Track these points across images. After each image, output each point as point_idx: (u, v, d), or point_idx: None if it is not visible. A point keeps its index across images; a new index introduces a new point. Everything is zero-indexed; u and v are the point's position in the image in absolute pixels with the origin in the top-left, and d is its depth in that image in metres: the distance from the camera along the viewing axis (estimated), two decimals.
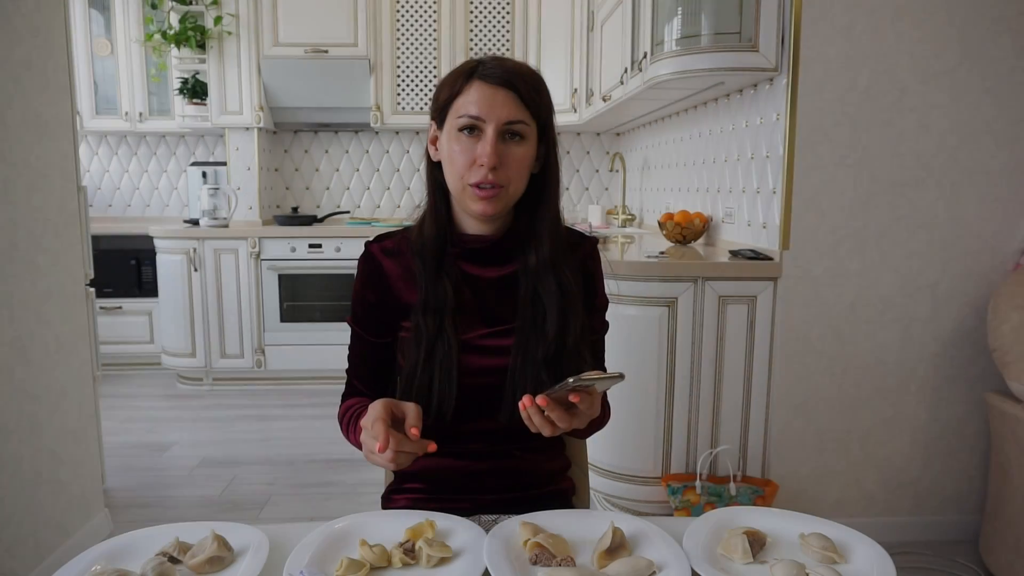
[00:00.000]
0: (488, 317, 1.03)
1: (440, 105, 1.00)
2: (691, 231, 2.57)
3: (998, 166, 2.04)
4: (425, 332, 0.99)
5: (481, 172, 0.95)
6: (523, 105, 0.96)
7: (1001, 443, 1.92)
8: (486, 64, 0.97)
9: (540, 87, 0.99)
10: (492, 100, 0.95)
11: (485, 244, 1.04)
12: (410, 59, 3.97)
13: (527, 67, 1.00)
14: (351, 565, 0.75)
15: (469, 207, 0.99)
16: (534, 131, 0.99)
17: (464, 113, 0.95)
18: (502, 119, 0.95)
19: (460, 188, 0.98)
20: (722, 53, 2.06)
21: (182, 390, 3.83)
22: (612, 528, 0.80)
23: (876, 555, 0.79)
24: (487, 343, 1.02)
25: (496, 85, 0.95)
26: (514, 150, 0.97)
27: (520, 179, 0.99)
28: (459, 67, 1.00)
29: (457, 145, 0.97)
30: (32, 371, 1.86)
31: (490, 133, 0.95)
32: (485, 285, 1.05)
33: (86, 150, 4.42)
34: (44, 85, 1.93)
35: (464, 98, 0.96)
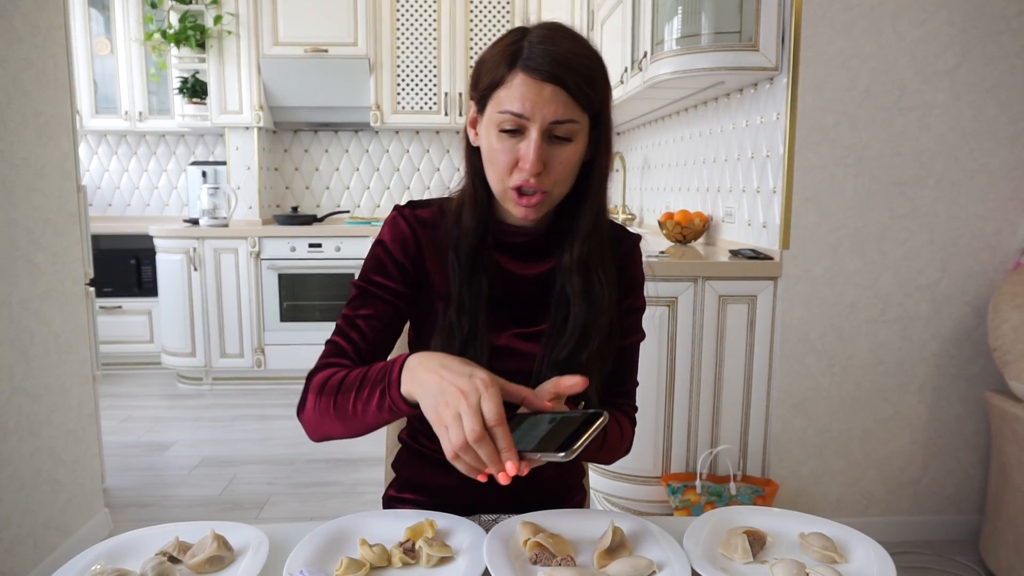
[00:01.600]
0: (518, 316, 0.97)
1: (480, 92, 0.89)
2: (691, 231, 2.57)
3: (998, 166, 2.04)
4: (458, 332, 0.91)
5: (523, 176, 0.86)
6: (572, 101, 0.84)
7: (1001, 442, 1.92)
8: (533, 48, 0.84)
9: (594, 76, 0.87)
10: (538, 97, 0.83)
11: (524, 239, 0.96)
12: (410, 59, 3.97)
13: (581, 48, 0.86)
14: (351, 565, 0.75)
15: (510, 210, 0.90)
16: (585, 125, 0.88)
17: (506, 109, 0.84)
18: (548, 119, 0.84)
19: (501, 190, 0.89)
20: (722, 52, 2.06)
21: (182, 390, 3.83)
22: (612, 528, 0.80)
23: (876, 555, 0.79)
24: (515, 345, 0.96)
25: (542, 80, 0.83)
26: (561, 151, 0.86)
27: (566, 181, 0.89)
28: (502, 42, 0.87)
29: (498, 143, 0.86)
30: (32, 371, 1.86)
31: (534, 135, 0.84)
32: (519, 282, 0.97)
33: (86, 149, 4.42)
34: (44, 84, 1.93)
35: (506, 91, 0.85)
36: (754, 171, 2.24)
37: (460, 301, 0.92)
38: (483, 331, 0.92)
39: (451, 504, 0.95)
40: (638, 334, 1.06)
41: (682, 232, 2.57)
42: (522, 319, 0.97)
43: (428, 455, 1.04)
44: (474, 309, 0.92)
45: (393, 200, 4.43)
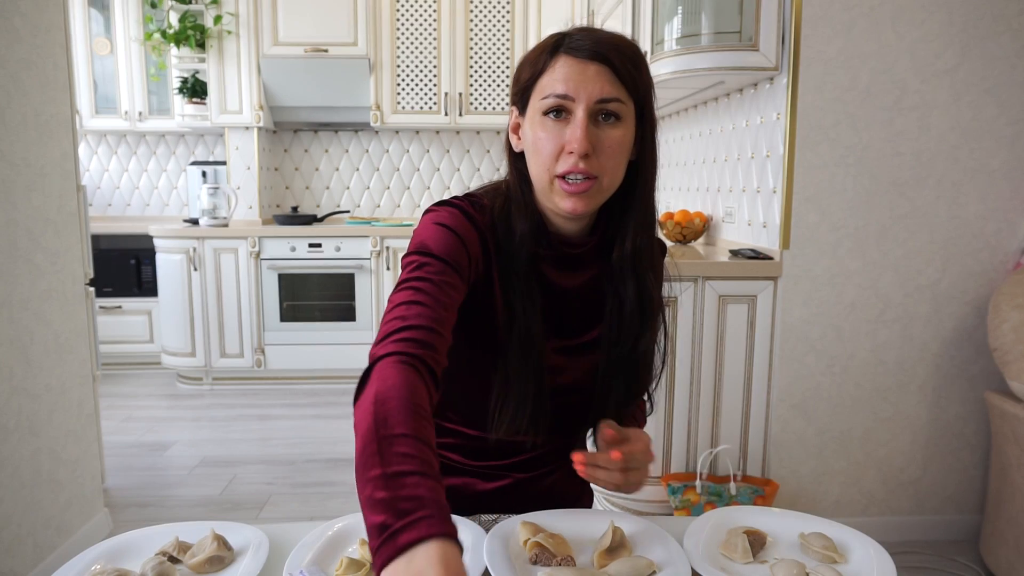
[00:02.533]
0: (559, 329, 0.93)
1: (522, 87, 0.87)
2: (691, 230, 2.57)
3: (998, 166, 2.04)
4: (532, 346, 0.87)
5: (571, 160, 0.82)
6: (618, 81, 0.82)
7: (1001, 442, 1.92)
8: (573, 36, 0.84)
9: (639, 61, 0.85)
10: (582, 76, 0.81)
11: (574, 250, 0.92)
12: (410, 59, 3.97)
13: (623, 38, 0.85)
14: (351, 565, 0.75)
15: (557, 204, 0.85)
16: (632, 111, 0.85)
17: (550, 92, 0.82)
18: (594, 96, 0.81)
19: (547, 181, 0.85)
20: (722, 52, 2.05)
21: (182, 390, 3.83)
22: (612, 528, 0.80)
23: (876, 555, 0.79)
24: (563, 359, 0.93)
25: (586, 59, 0.81)
26: (609, 133, 0.83)
27: (616, 169, 0.85)
28: (542, 42, 0.86)
29: (543, 131, 0.83)
30: (32, 371, 1.86)
31: (580, 114, 0.81)
32: (561, 293, 0.93)
33: (86, 149, 4.42)
34: (44, 84, 1.93)
35: (549, 76, 0.83)
36: (754, 171, 2.24)
37: (526, 314, 0.88)
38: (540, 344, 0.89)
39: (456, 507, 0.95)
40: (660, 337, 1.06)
41: (682, 232, 2.57)
42: (565, 330, 0.94)
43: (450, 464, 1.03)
44: (536, 320, 0.88)
45: (393, 200, 4.43)
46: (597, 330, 0.95)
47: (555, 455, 1.02)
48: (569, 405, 0.94)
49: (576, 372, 0.94)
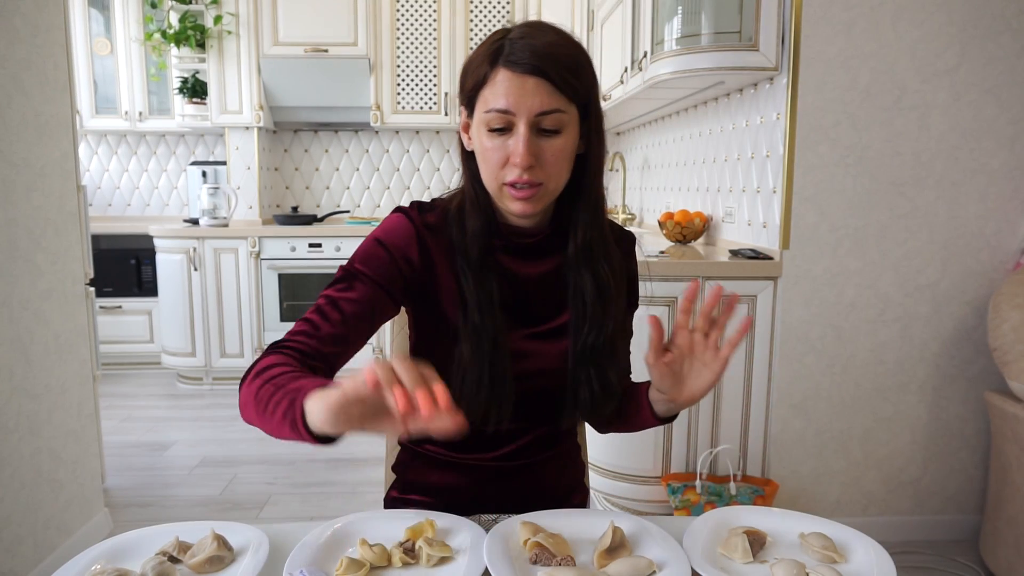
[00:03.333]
0: (527, 317, 0.96)
1: (467, 93, 0.89)
2: (691, 230, 2.57)
3: (998, 166, 2.04)
4: (485, 334, 0.90)
5: (515, 172, 0.85)
6: (557, 92, 0.84)
7: (1001, 442, 1.92)
8: (514, 43, 0.84)
9: (577, 66, 0.86)
10: (521, 90, 0.83)
11: (529, 239, 0.96)
12: (410, 59, 3.97)
13: (563, 41, 0.86)
14: (351, 565, 0.75)
15: (507, 207, 0.90)
16: (574, 116, 0.87)
17: (492, 107, 0.84)
18: (533, 110, 0.83)
19: (496, 188, 0.89)
20: (722, 52, 2.05)
21: (182, 390, 3.83)
22: (612, 528, 0.80)
23: (876, 554, 0.79)
24: (527, 345, 0.96)
25: (524, 74, 0.83)
26: (551, 143, 0.86)
27: (560, 173, 0.88)
28: (485, 44, 0.88)
29: (488, 141, 0.86)
30: (32, 370, 1.86)
31: (522, 128, 0.84)
32: (524, 282, 0.97)
33: (86, 149, 4.42)
34: (44, 84, 1.93)
35: (490, 89, 0.85)
36: (754, 171, 2.24)
37: (479, 303, 0.91)
38: (502, 332, 0.92)
39: (457, 504, 0.96)
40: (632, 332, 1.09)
41: (682, 232, 2.57)
42: (531, 319, 0.97)
43: (432, 457, 1.05)
44: (492, 309, 0.92)
45: (393, 200, 4.43)
46: (566, 316, 0.97)
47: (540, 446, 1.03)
48: (541, 390, 0.97)
49: (546, 358, 0.96)
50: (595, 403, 0.95)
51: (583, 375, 0.94)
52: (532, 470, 1.03)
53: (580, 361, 0.94)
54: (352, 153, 4.40)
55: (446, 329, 0.94)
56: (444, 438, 0.60)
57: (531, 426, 1.01)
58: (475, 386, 0.90)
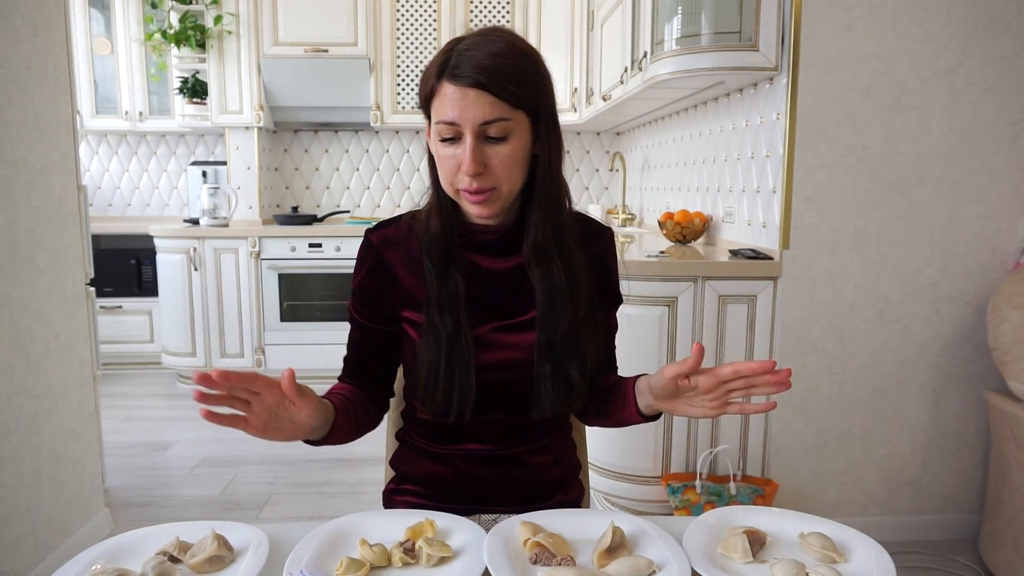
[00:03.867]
0: (497, 310, 1.00)
1: (422, 103, 0.95)
2: (691, 230, 2.57)
3: (998, 166, 2.04)
4: (443, 330, 0.95)
5: (465, 180, 0.90)
6: (499, 101, 0.87)
7: (1001, 442, 1.92)
8: (460, 55, 0.87)
9: (520, 73, 0.88)
10: (463, 102, 0.87)
11: (492, 236, 1.00)
12: (410, 59, 3.97)
13: (507, 51, 0.88)
14: (351, 564, 0.75)
15: (467, 210, 0.95)
16: (522, 120, 0.90)
17: (440, 119, 0.89)
18: (477, 121, 0.87)
19: (452, 192, 0.94)
20: (722, 52, 2.06)
21: (182, 389, 3.83)
22: (612, 527, 0.80)
23: (876, 554, 0.79)
24: (497, 337, 0.99)
25: (466, 86, 0.86)
26: (498, 150, 0.89)
27: (512, 177, 0.92)
28: (436, 56, 0.91)
29: (442, 150, 0.91)
30: (32, 370, 1.86)
31: (468, 139, 0.88)
32: (493, 277, 1.00)
33: (86, 149, 4.42)
34: (44, 84, 1.93)
35: (438, 101, 0.89)
36: (754, 171, 2.24)
37: (439, 301, 0.96)
38: (466, 327, 0.96)
39: (447, 493, 1.01)
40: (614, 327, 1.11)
41: (682, 232, 2.57)
42: (501, 312, 1.00)
43: (421, 448, 1.09)
44: (454, 306, 0.96)
45: (393, 200, 4.43)
46: (533, 311, 0.99)
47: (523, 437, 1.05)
48: (510, 382, 0.99)
49: (513, 350, 0.99)
50: (557, 398, 0.97)
51: (542, 371, 0.97)
52: (519, 460, 1.05)
53: (540, 357, 0.97)
54: (352, 153, 4.40)
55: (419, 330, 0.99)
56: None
57: (508, 417, 1.03)
58: (434, 379, 0.95)
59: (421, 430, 1.08)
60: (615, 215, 3.91)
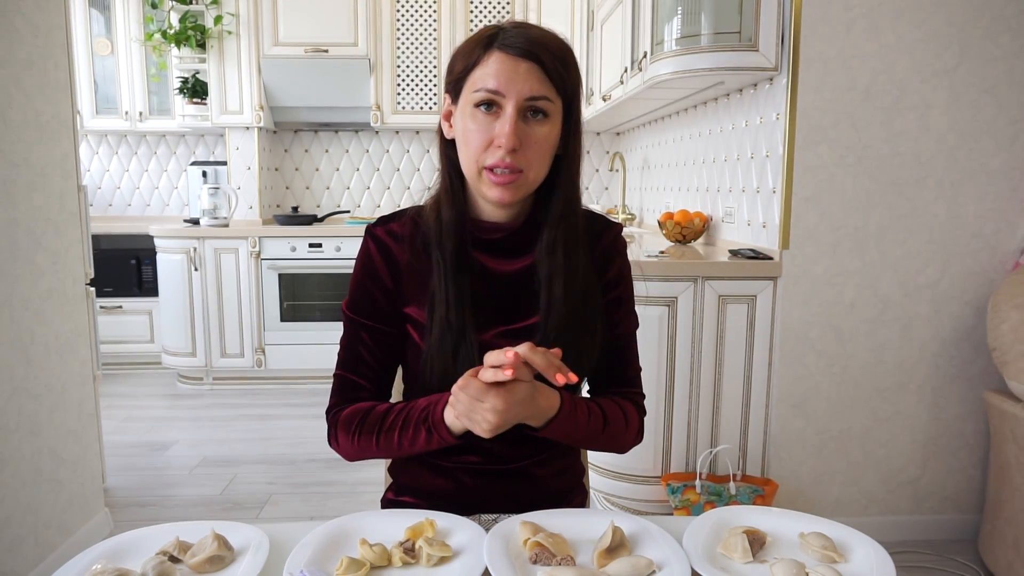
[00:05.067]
0: (502, 314, 0.96)
1: (455, 77, 0.90)
2: (691, 230, 2.57)
3: (998, 166, 2.04)
4: (449, 331, 0.91)
5: (498, 154, 0.86)
6: (548, 79, 0.86)
7: (1001, 442, 1.92)
8: (507, 32, 0.86)
9: (568, 59, 0.88)
10: (513, 73, 0.84)
11: (502, 234, 0.96)
12: (410, 59, 3.97)
13: (554, 35, 0.88)
14: (351, 564, 0.75)
15: (484, 193, 0.90)
16: (559, 109, 0.89)
17: (481, 87, 0.85)
18: (524, 94, 0.84)
19: (475, 172, 0.89)
20: (722, 53, 2.06)
21: (182, 390, 3.83)
22: (612, 527, 0.80)
23: (876, 554, 0.79)
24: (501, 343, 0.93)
25: (518, 56, 0.84)
26: (536, 130, 0.87)
27: (542, 163, 0.89)
28: (476, 34, 0.89)
29: (473, 123, 0.87)
30: (32, 370, 1.87)
31: (510, 110, 0.85)
32: (500, 279, 0.97)
33: (86, 149, 4.42)
34: (44, 84, 1.93)
35: (481, 70, 0.86)
36: (754, 171, 2.24)
37: (447, 297, 0.92)
38: (471, 329, 0.92)
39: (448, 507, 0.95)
40: (631, 323, 1.07)
41: (682, 232, 2.57)
42: (506, 316, 0.97)
43: (423, 460, 1.04)
44: (461, 304, 0.92)
45: (393, 200, 4.43)
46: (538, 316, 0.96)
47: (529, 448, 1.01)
48: None
49: None
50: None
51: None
52: (525, 473, 1.01)
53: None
54: (352, 153, 4.40)
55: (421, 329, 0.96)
56: None
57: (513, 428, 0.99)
58: (439, 380, 0.91)
59: None
60: (615, 215, 3.91)
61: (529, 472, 1.02)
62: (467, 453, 1.00)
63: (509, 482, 1.01)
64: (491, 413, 0.80)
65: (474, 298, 0.94)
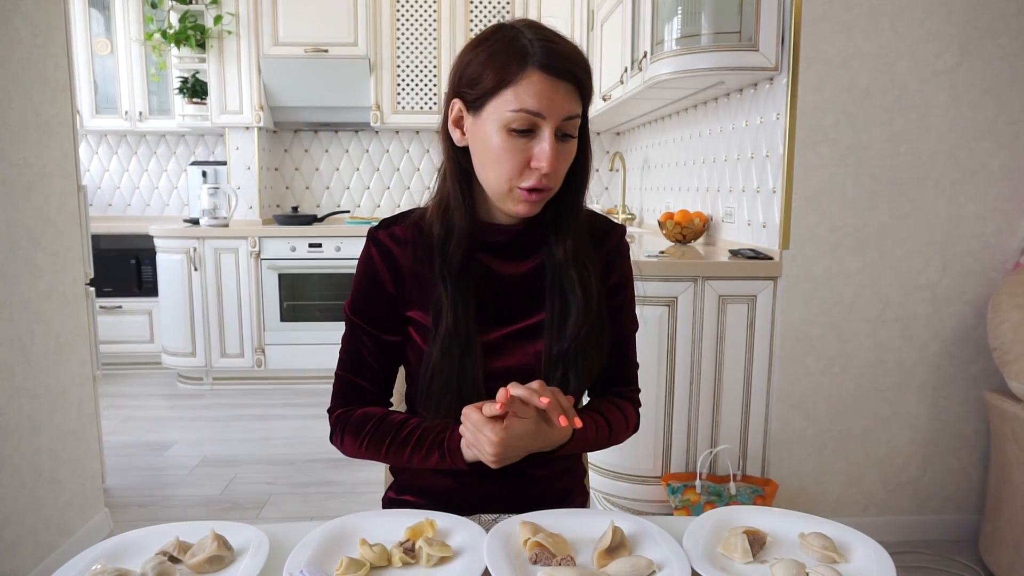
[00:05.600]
0: (507, 314, 0.96)
1: (482, 90, 0.85)
2: (691, 230, 2.57)
3: (998, 166, 2.04)
4: (453, 335, 0.90)
5: (535, 176, 0.85)
6: (579, 98, 0.85)
7: (1001, 442, 1.92)
8: (541, 47, 0.83)
9: (591, 72, 0.88)
10: (553, 94, 0.82)
11: (508, 237, 0.96)
12: (410, 59, 3.97)
13: (576, 47, 0.87)
14: (351, 565, 0.75)
15: (511, 208, 0.89)
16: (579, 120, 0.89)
17: (521, 108, 0.82)
18: (562, 115, 0.83)
19: (504, 189, 0.88)
20: (722, 52, 2.06)
21: (182, 390, 3.83)
22: (612, 527, 0.80)
23: (876, 554, 0.79)
24: (508, 343, 0.96)
25: (557, 78, 0.82)
26: (568, 149, 0.87)
27: (563, 175, 0.90)
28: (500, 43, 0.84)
29: (508, 144, 0.84)
30: (32, 371, 1.86)
31: (548, 133, 0.84)
32: (505, 280, 0.97)
33: (86, 149, 4.42)
34: (44, 84, 1.93)
35: (520, 89, 0.82)
36: (754, 171, 2.24)
37: (455, 306, 0.91)
38: (475, 332, 0.93)
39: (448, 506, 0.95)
40: (633, 325, 1.08)
41: (682, 232, 2.57)
42: (511, 317, 0.97)
43: None
44: (467, 312, 0.92)
45: (393, 200, 4.43)
46: (542, 315, 0.96)
47: None
48: None
49: (521, 356, 0.96)
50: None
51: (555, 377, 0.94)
52: (526, 473, 1.01)
53: (553, 364, 0.94)
54: (352, 153, 4.40)
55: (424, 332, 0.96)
56: None
57: None
58: (443, 387, 0.92)
59: None
60: (615, 215, 3.91)
61: (530, 472, 1.02)
62: None
63: (510, 482, 1.02)
64: (488, 444, 0.84)
65: (479, 301, 0.94)
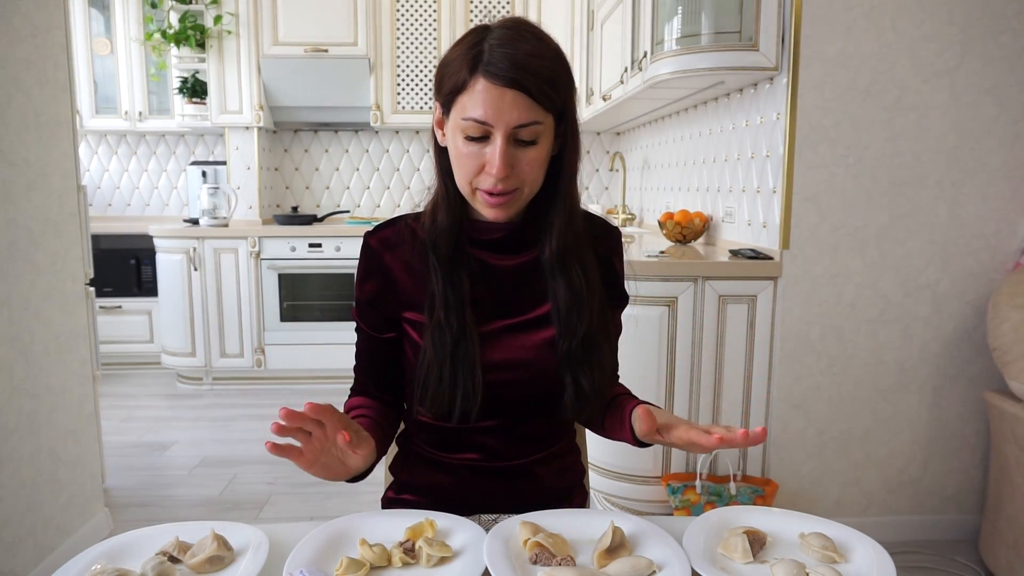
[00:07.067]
0: (504, 307, 0.97)
1: (444, 95, 0.88)
2: (691, 230, 2.57)
3: (998, 166, 2.04)
4: (447, 329, 0.92)
5: (490, 180, 0.86)
6: (535, 103, 0.84)
7: (1001, 442, 1.92)
8: (494, 52, 0.83)
9: (556, 76, 0.85)
10: (499, 102, 0.83)
11: (502, 233, 0.97)
12: (410, 59, 3.97)
13: (542, 49, 0.85)
14: (351, 565, 0.75)
15: (480, 210, 0.92)
16: (550, 124, 0.88)
17: (469, 116, 0.84)
18: (511, 123, 0.84)
19: (469, 192, 0.90)
20: (722, 52, 2.06)
21: (182, 390, 3.83)
22: (612, 528, 0.80)
23: (876, 554, 0.79)
24: (505, 336, 0.96)
25: (503, 86, 0.82)
26: (526, 154, 0.87)
27: (536, 178, 0.90)
28: (463, 45, 0.86)
29: (464, 148, 0.87)
30: (32, 370, 1.86)
31: (499, 141, 0.84)
32: (501, 274, 0.98)
33: (86, 149, 4.42)
34: (44, 84, 1.93)
35: (468, 97, 0.84)
36: (754, 171, 2.24)
37: (445, 299, 0.93)
38: (471, 325, 0.93)
39: (448, 504, 0.96)
40: (619, 325, 1.09)
41: (682, 232, 2.57)
42: (508, 310, 0.97)
43: (424, 455, 1.06)
44: (459, 304, 0.93)
45: (393, 200, 4.43)
46: (545, 307, 0.97)
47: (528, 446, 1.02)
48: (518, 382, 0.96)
49: (522, 349, 0.96)
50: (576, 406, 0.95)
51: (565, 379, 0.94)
52: (526, 471, 1.02)
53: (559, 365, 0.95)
54: (352, 153, 4.40)
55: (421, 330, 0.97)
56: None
57: (513, 424, 1.00)
58: (437, 379, 0.92)
59: (424, 436, 1.05)
60: (615, 215, 3.91)
61: (530, 470, 1.03)
62: (468, 450, 1.01)
63: (510, 480, 1.02)
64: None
65: (474, 295, 0.95)
